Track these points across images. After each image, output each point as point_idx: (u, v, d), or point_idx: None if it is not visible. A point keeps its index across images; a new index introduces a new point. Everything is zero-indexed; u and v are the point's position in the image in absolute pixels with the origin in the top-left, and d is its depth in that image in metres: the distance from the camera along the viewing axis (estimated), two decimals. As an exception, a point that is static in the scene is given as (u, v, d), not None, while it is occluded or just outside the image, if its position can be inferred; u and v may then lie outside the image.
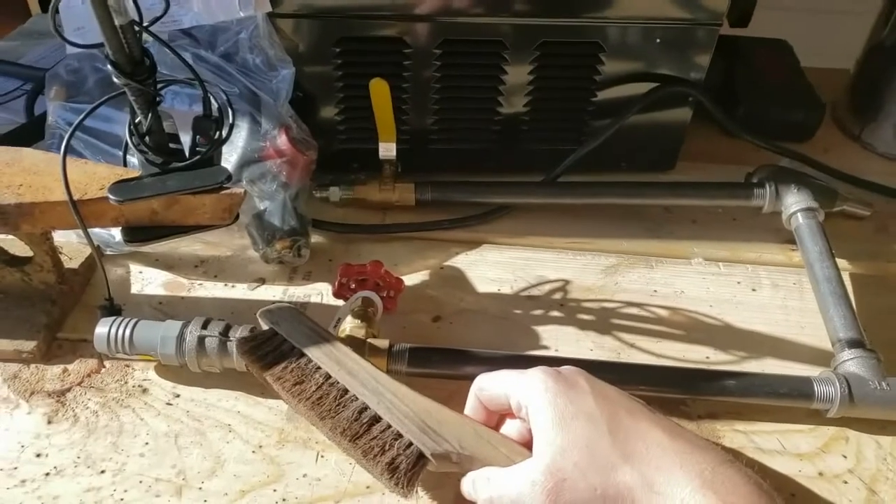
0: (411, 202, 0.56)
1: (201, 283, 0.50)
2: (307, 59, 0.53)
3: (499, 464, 0.35)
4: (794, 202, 0.54)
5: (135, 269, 0.51)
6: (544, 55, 0.54)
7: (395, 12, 0.51)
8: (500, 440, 0.36)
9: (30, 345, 0.43)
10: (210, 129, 0.41)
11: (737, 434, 0.42)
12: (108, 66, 0.36)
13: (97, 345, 0.42)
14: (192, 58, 0.49)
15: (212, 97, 0.41)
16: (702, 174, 0.60)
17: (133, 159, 0.43)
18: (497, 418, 0.38)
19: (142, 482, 0.38)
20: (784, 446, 0.42)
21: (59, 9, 0.46)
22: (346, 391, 0.37)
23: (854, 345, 0.44)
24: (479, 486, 0.34)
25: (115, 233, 0.49)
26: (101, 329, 0.42)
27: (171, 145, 0.41)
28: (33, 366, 0.44)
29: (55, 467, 0.39)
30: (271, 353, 0.39)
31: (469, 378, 0.38)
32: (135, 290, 0.50)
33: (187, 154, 0.41)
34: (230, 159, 0.49)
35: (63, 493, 0.37)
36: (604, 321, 0.49)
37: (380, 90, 0.50)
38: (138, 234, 0.42)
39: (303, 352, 0.39)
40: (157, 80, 0.38)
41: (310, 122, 0.53)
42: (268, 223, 0.49)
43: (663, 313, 0.50)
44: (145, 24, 0.36)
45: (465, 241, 0.55)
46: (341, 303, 0.45)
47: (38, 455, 0.39)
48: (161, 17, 0.37)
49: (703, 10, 0.53)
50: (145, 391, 0.43)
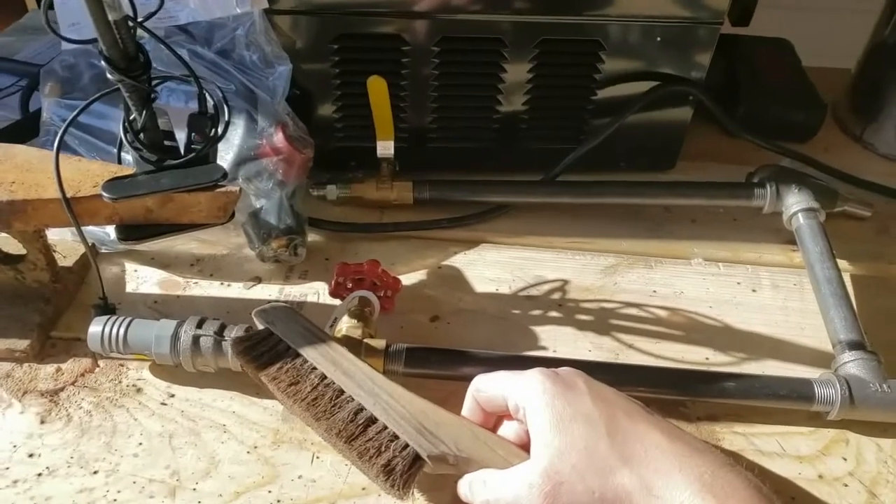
0: (409, 201, 0.55)
1: (197, 282, 0.50)
2: (304, 56, 0.52)
3: (496, 466, 0.34)
4: (795, 202, 0.53)
5: (130, 267, 0.51)
6: (544, 53, 0.54)
7: (393, 9, 0.51)
8: (498, 442, 0.35)
9: (23, 344, 0.43)
10: (205, 126, 0.40)
11: (736, 436, 0.42)
12: (102, 62, 0.36)
13: (91, 344, 0.41)
14: (188, 54, 0.48)
15: (207, 94, 0.40)
16: (702, 174, 0.60)
17: (128, 157, 0.43)
18: (494, 420, 0.37)
19: (135, 483, 0.38)
20: (784, 449, 0.41)
21: (53, 5, 0.46)
22: (342, 392, 0.37)
23: (855, 346, 0.43)
24: (476, 489, 0.34)
25: (110, 231, 0.48)
26: (95, 328, 0.41)
27: (166, 142, 0.41)
28: (26, 365, 0.43)
29: (48, 467, 0.38)
30: (266, 353, 0.39)
31: (467, 379, 0.38)
32: (130, 288, 0.49)
33: (182, 151, 0.41)
34: (226, 157, 0.49)
35: (56, 494, 0.37)
36: (602, 321, 0.49)
37: (378, 88, 0.50)
38: (133, 232, 0.42)
39: (298, 352, 0.38)
40: (151, 76, 0.38)
41: (307, 120, 0.53)
42: (264, 221, 0.49)
43: (662, 314, 0.50)
44: (140, 19, 0.36)
45: (463, 241, 0.55)
46: (338, 302, 0.44)
47: (31, 455, 0.39)
48: (155, 12, 0.37)
49: (704, 8, 0.52)
50: (139, 391, 0.42)
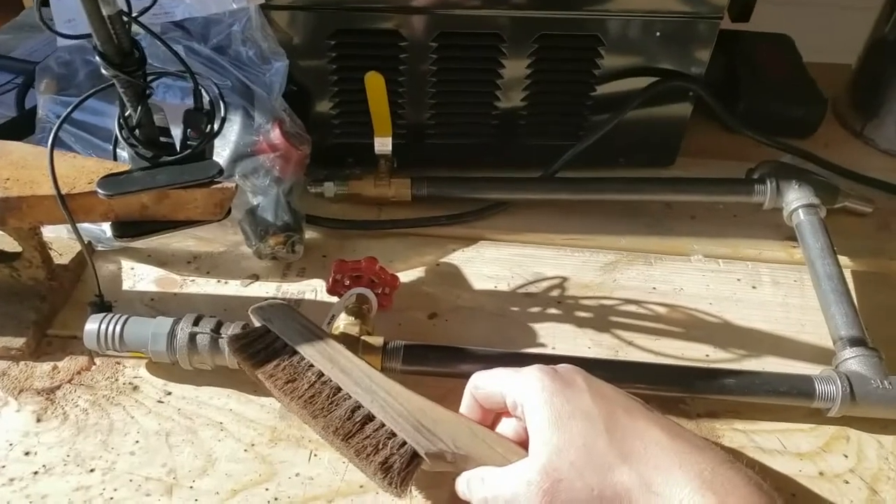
0: (407, 198, 0.55)
1: (194, 280, 0.49)
2: (301, 51, 0.52)
3: (494, 463, 0.34)
4: (796, 198, 0.53)
5: (126, 265, 0.50)
6: (542, 49, 0.53)
7: (390, 4, 0.51)
8: (496, 439, 0.35)
9: (18, 342, 0.43)
10: (201, 122, 0.40)
11: (736, 433, 0.42)
12: (97, 58, 0.36)
13: (87, 342, 0.41)
14: (183, 50, 0.48)
15: (203, 90, 0.40)
16: (702, 170, 0.60)
17: (123, 153, 0.42)
18: (493, 417, 0.37)
19: (132, 481, 0.37)
20: (784, 446, 0.41)
21: (49, 1, 0.45)
22: (339, 389, 0.36)
23: (856, 343, 0.43)
24: (474, 487, 0.34)
25: (107, 228, 0.48)
26: (91, 326, 0.41)
27: (162, 139, 0.41)
28: (22, 363, 0.43)
29: (44, 466, 0.38)
30: (263, 350, 0.39)
31: (465, 376, 0.38)
32: (126, 286, 0.49)
33: (178, 148, 0.40)
34: (222, 154, 0.49)
35: (52, 492, 0.37)
36: (602, 319, 0.48)
37: (375, 84, 0.49)
38: (128, 228, 0.42)
39: (295, 349, 0.38)
40: (146, 72, 0.38)
41: (304, 117, 0.52)
42: (261, 219, 0.49)
43: (662, 311, 0.49)
44: (134, 14, 0.35)
45: (461, 238, 0.54)
46: (335, 300, 0.44)
47: (27, 453, 0.38)
48: (150, 7, 0.37)
49: (703, 3, 0.52)
50: (136, 389, 0.42)
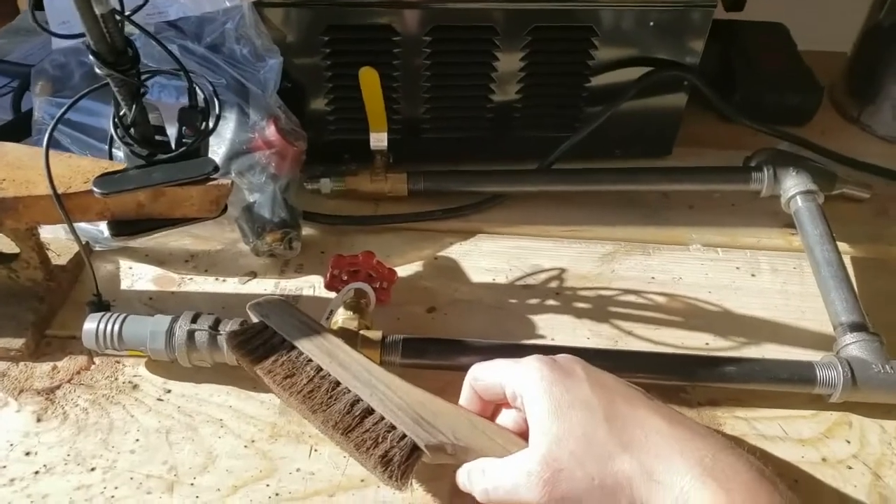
0: (404, 192, 0.55)
1: (192, 278, 0.49)
2: (295, 48, 0.52)
3: (494, 454, 0.34)
4: (793, 185, 0.53)
5: (124, 264, 0.50)
6: (536, 41, 0.53)
7: (383, -1, 0.51)
8: (496, 430, 0.35)
9: (18, 342, 0.43)
10: (196, 120, 0.40)
11: (738, 421, 0.42)
12: (90, 57, 0.36)
13: (86, 341, 0.41)
14: (178, 49, 0.48)
15: (198, 88, 0.40)
16: (699, 160, 0.59)
17: (119, 152, 0.42)
18: (493, 408, 0.37)
19: (133, 479, 0.38)
20: (786, 432, 0.41)
21: (43, 5, 0.45)
22: (338, 383, 0.36)
23: (856, 328, 0.43)
24: (475, 478, 0.34)
25: (104, 228, 0.48)
26: (90, 325, 0.41)
27: (157, 137, 0.41)
28: (22, 364, 0.43)
29: (45, 465, 0.38)
30: (261, 346, 0.39)
31: (464, 368, 0.38)
32: (125, 285, 0.49)
33: (173, 146, 0.40)
34: (218, 151, 0.49)
35: (53, 492, 0.37)
36: (600, 309, 0.48)
37: (369, 79, 0.49)
38: (125, 227, 0.42)
39: (293, 344, 0.38)
40: (141, 70, 0.38)
41: (299, 113, 0.52)
42: (258, 216, 0.49)
43: (661, 300, 0.49)
44: (127, 13, 0.35)
45: (458, 231, 0.54)
46: (334, 295, 0.44)
47: (28, 453, 0.38)
48: (143, 5, 0.37)
49: (696, -8, 0.52)
50: (136, 387, 0.42)
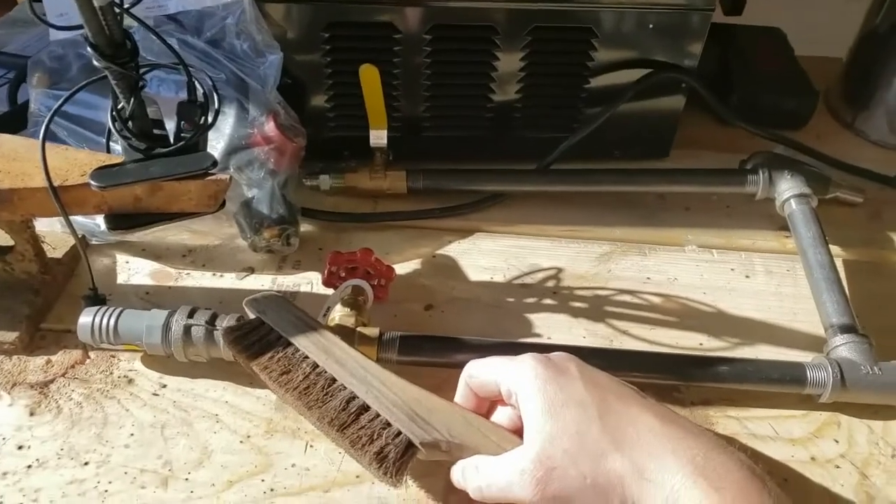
0: (403, 190, 0.55)
1: (189, 273, 0.49)
2: (295, 44, 0.52)
3: (489, 452, 0.34)
4: (788, 188, 0.53)
5: (121, 258, 0.50)
6: (536, 41, 0.53)
7: (384, -4, 0.51)
8: (491, 428, 0.35)
9: (11, 336, 0.42)
10: (195, 114, 0.40)
11: (730, 420, 0.42)
12: (88, 49, 0.35)
13: (81, 335, 0.41)
14: (177, 43, 0.48)
15: (197, 82, 0.40)
16: (696, 162, 0.60)
17: (116, 146, 0.42)
18: (488, 405, 0.37)
19: (126, 473, 0.37)
20: (777, 432, 0.41)
21: (40, -6, 0.45)
22: (334, 380, 0.36)
23: (846, 330, 0.43)
24: (469, 475, 0.34)
25: (101, 222, 0.48)
26: (85, 319, 0.41)
27: (156, 131, 0.40)
28: (15, 357, 0.43)
29: (37, 459, 0.38)
30: (258, 342, 0.39)
31: (460, 366, 0.38)
32: (121, 279, 0.49)
33: (172, 140, 0.40)
34: (217, 146, 0.48)
35: (45, 486, 0.37)
36: (597, 309, 0.49)
37: (370, 76, 0.49)
38: (122, 221, 0.41)
39: (290, 341, 0.38)
40: (139, 63, 0.38)
41: (299, 109, 0.52)
42: (256, 211, 0.49)
43: (656, 300, 0.49)
44: (126, 5, 0.35)
45: (457, 230, 0.55)
46: (331, 292, 0.44)
47: (20, 447, 0.38)
48: (141, -1, 0.36)
49: (696, -5, 0.52)
50: (131, 382, 0.42)
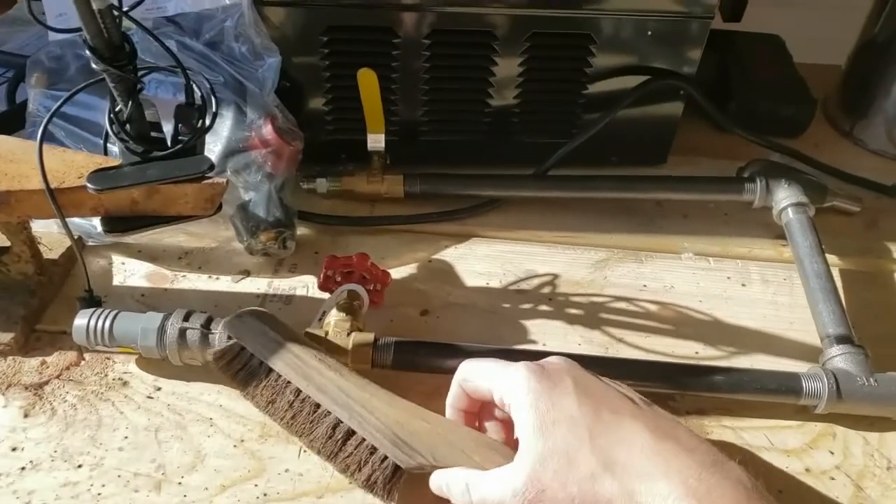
0: (400, 194, 0.55)
1: (185, 275, 0.49)
2: (294, 48, 0.52)
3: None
4: (785, 197, 0.54)
5: (117, 260, 0.50)
6: (535, 47, 0.53)
7: (383, 1, 0.51)
8: (474, 448, 0.35)
9: (7, 337, 0.42)
10: (192, 117, 0.40)
11: (725, 430, 0.42)
12: (87, 52, 0.35)
13: (76, 337, 0.41)
14: (176, 46, 0.48)
15: (195, 85, 0.40)
16: (693, 169, 0.60)
17: (114, 148, 0.42)
18: (480, 404, 0.37)
19: (120, 476, 0.37)
20: (772, 442, 0.41)
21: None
22: (319, 406, 0.37)
23: (842, 340, 0.43)
24: (456, 491, 0.33)
25: (97, 223, 0.48)
26: (80, 321, 0.41)
27: (153, 134, 0.40)
28: (10, 358, 0.43)
29: (31, 461, 0.38)
30: (242, 370, 0.39)
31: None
32: (117, 281, 0.49)
33: (169, 143, 0.40)
34: (214, 149, 0.48)
35: (39, 488, 0.37)
36: (592, 316, 0.49)
37: (368, 80, 0.49)
38: (118, 224, 0.41)
39: (271, 367, 0.38)
40: (137, 66, 0.37)
41: (297, 113, 0.52)
42: (252, 214, 0.49)
43: (652, 308, 0.49)
44: (125, 8, 0.35)
45: (454, 235, 0.54)
46: (327, 296, 0.44)
47: (14, 449, 0.38)
48: (141, 1, 0.36)
49: (695, 3, 0.52)
50: (125, 384, 0.42)
